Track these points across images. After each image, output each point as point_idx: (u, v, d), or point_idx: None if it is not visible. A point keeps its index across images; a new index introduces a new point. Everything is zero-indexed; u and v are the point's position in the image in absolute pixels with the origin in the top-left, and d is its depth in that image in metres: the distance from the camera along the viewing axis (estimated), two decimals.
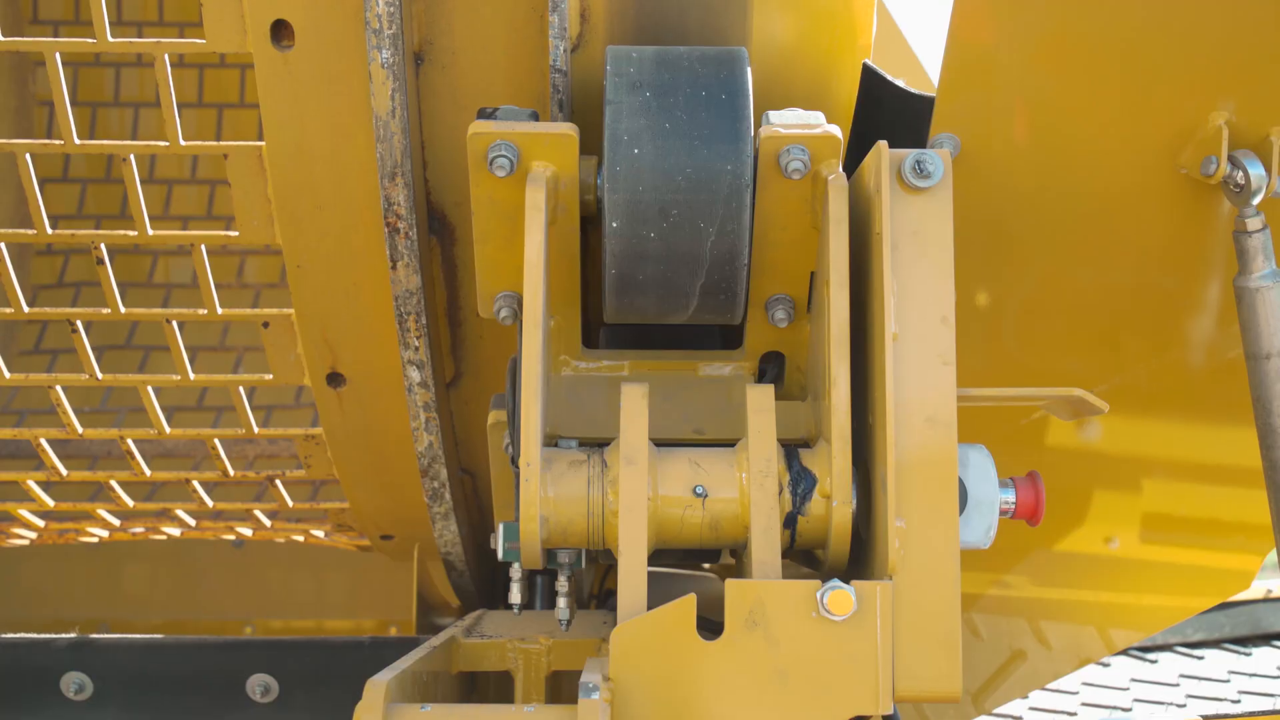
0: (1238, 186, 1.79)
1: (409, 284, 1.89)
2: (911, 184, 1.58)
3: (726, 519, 1.61)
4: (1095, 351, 2.09)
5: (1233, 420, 2.12)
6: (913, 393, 1.56)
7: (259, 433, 2.21)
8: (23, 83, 3.48)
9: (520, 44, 1.82)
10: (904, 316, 1.57)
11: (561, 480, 1.60)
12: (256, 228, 1.89)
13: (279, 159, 1.84)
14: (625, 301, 1.73)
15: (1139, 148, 1.84)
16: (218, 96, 3.61)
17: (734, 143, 1.63)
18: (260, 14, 1.74)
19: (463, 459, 2.26)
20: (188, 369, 2.08)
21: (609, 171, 1.63)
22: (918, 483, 1.55)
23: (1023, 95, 1.81)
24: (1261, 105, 1.78)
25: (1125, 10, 1.72)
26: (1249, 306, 1.83)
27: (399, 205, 1.82)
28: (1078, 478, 2.29)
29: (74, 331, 2.04)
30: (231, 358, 3.40)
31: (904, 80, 1.89)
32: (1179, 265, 1.97)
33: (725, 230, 1.65)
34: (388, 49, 1.73)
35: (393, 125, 1.77)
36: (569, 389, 1.79)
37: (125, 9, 3.58)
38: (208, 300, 1.99)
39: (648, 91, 1.66)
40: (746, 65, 1.69)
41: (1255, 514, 2.15)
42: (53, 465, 2.28)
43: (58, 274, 3.51)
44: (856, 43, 1.85)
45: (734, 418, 1.77)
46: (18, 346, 3.38)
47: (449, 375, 2.11)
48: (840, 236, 1.59)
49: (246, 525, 2.67)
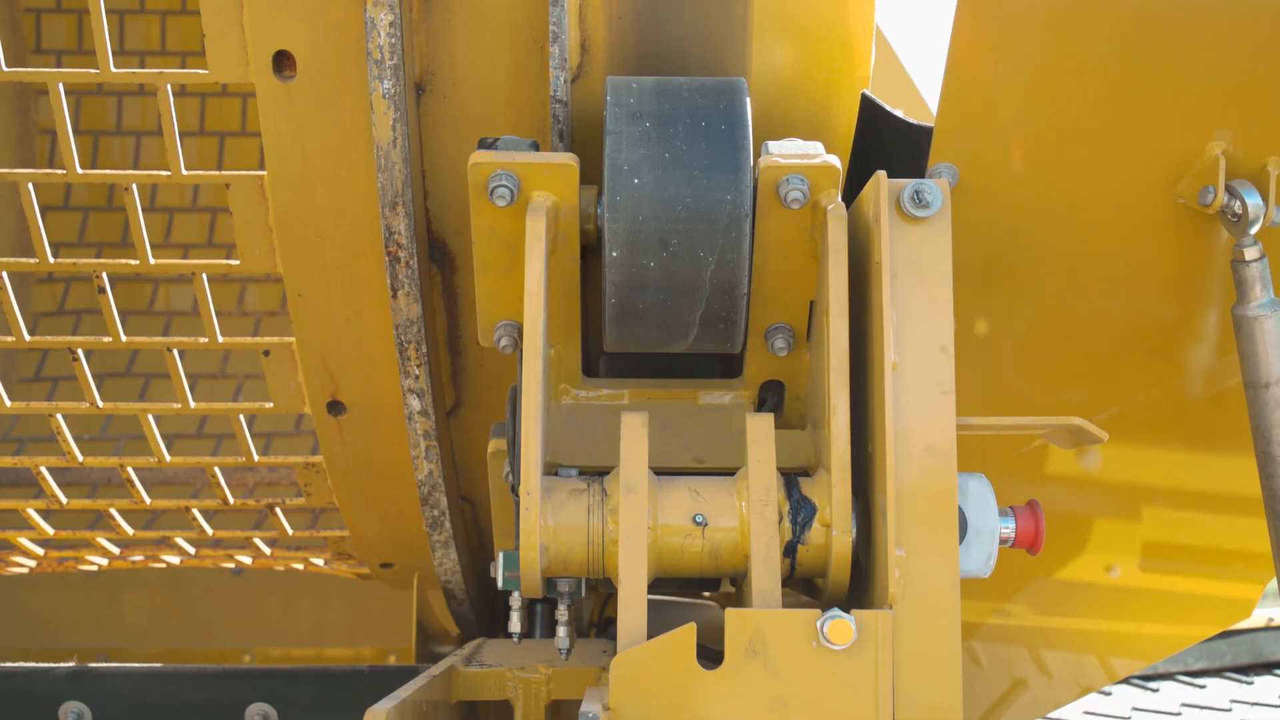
0: (1235, 216, 1.80)
1: (409, 313, 1.89)
2: (910, 214, 1.59)
3: (726, 548, 1.61)
4: (1094, 380, 2.09)
5: (1232, 448, 2.12)
6: (912, 421, 1.56)
7: (259, 461, 2.21)
8: (25, 111, 3.50)
9: (521, 74, 1.83)
10: (903, 345, 1.57)
11: (561, 509, 1.60)
12: (258, 257, 1.90)
13: (280, 188, 1.85)
14: (625, 330, 1.74)
15: (1137, 178, 1.85)
16: (219, 125, 3.63)
17: (733, 172, 1.64)
18: (262, 45, 1.75)
19: (463, 487, 2.26)
20: (188, 397, 2.09)
21: (609, 201, 1.64)
22: (918, 511, 1.55)
23: (1021, 125, 1.82)
24: (1258, 135, 1.79)
25: (1122, 41, 1.73)
26: (1247, 335, 1.83)
27: (400, 234, 1.83)
28: (1078, 506, 2.28)
29: (75, 360, 2.05)
30: (232, 385, 3.40)
31: (902, 110, 1.90)
32: (1177, 294, 1.98)
33: (725, 259, 1.66)
34: (389, 79, 1.74)
35: (394, 155, 1.78)
36: (569, 417, 1.80)
37: (128, 38, 3.60)
38: (209, 329, 2.00)
39: (648, 122, 1.67)
40: (746, 96, 1.70)
41: (1256, 542, 2.15)
42: (53, 493, 2.28)
43: (59, 302, 3.52)
44: (855, 73, 1.86)
45: (734, 446, 1.77)
46: (18, 374, 3.39)
47: (449, 403, 2.11)
48: (839, 266, 1.59)
49: (246, 553, 2.67)
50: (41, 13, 3.53)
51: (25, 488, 2.98)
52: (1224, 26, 1.72)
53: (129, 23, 3.60)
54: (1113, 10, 1.71)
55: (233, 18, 1.74)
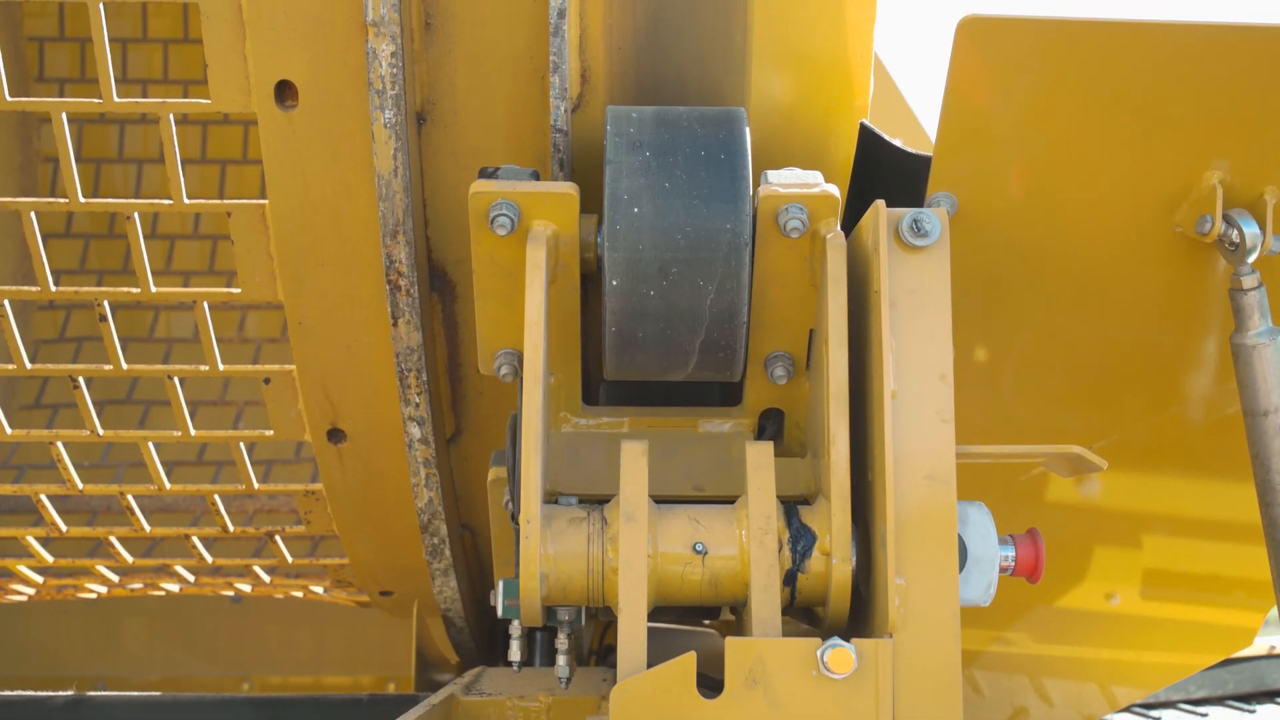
0: (1233, 245, 1.80)
1: (410, 341, 1.90)
2: (909, 243, 1.59)
3: (726, 576, 1.61)
4: (1094, 407, 2.09)
5: (1232, 476, 2.12)
6: (912, 450, 1.56)
7: (259, 488, 2.21)
8: (27, 139, 3.51)
9: (521, 104, 1.84)
10: (902, 374, 1.58)
11: (561, 537, 1.60)
12: (259, 285, 1.91)
13: (282, 216, 1.86)
14: (625, 359, 1.74)
15: (1135, 206, 1.85)
16: (221, 152, 3.64)
17: (733, 202, 1.65)
18: (264, 75, 1.77)
19: (463, 515, 2.26)
20: (189, 425, 2.09)
21: (609, 230, 1.65)
22: (917, 540, 1.55)
23: (1019, 155, 1.83)
24: (1255, 164, 1.80)
25: (1119, 71, 1.74)
26: (1245, 363, 1.84)
27: (400, 263, 1.84)
28: (1078, 534, 2.28)
29: (75, 387, 2.05)
30: (232, 412, 3.40)
31: (901, 140, 1.91)
32: (1176, 322, 1.98)
33: (725, 288, 1.66)
34: (390, 109, 1.75)
35: (395, 184, 1.78)
36: (569, 445, 1.80)
37: (130, 67, 3.61)
38: (209, 356, 2.00)
39: (647, 151, 1.67)
40: (745, 125, 1.71)
41: (1256, 570, 2.14)
42: (52, 521, 2.28)
43: (59, 329, 3.52)
44: (854, 103, 1.87)
45: (734, 474, 1.77)
46: (19, 401, 3.39)
47: (449, 431, 2.11)
48: (839, 294, 1.60)
49: (245, 581, 2.67)
50: (44, 41, 3.55)
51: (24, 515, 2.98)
52: (1221, 56, 1.73)
53: (131, 51, 3.62)
54: (1109, 40, 1.72)
55: (235, 48, 1.75)
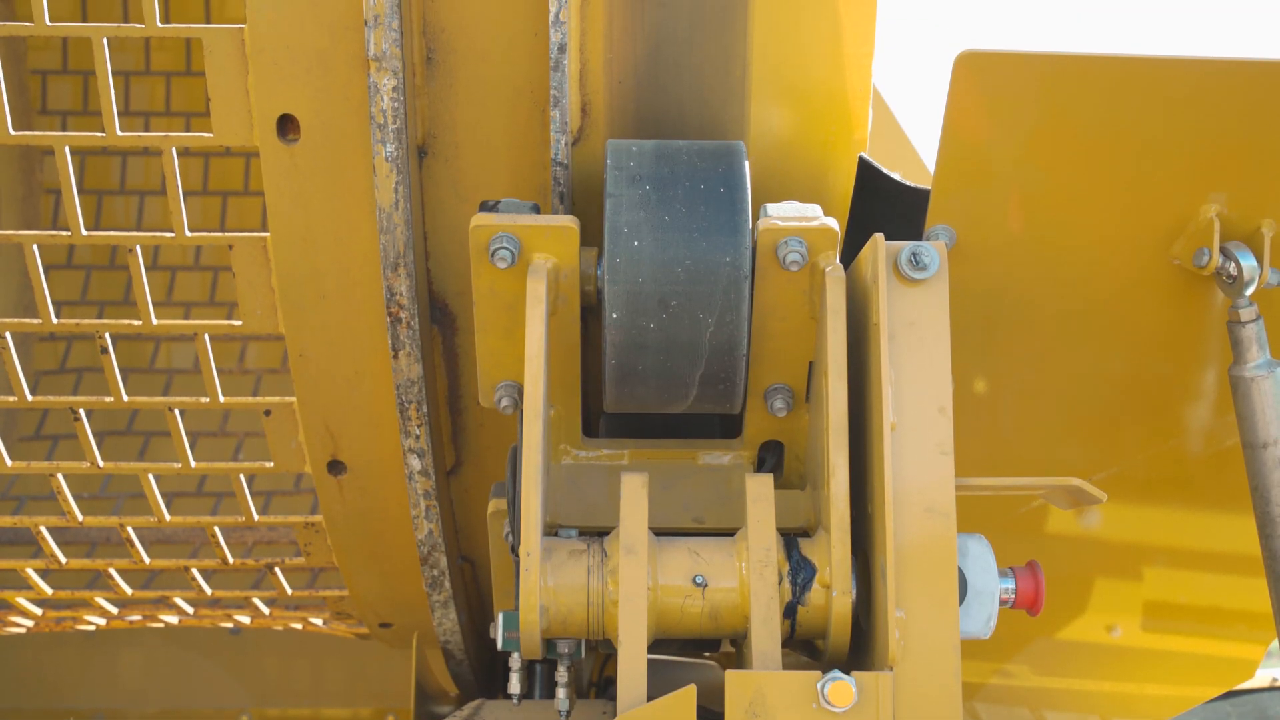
0: (1230, 278, 1.81)
1: (410, 373, 1.90)
2: (908, 276, 1.60)
3: (726, 609, 1.61)
4: (1093, 439, 2.10)
5: (1233, 508, 2.12)
6: (911, 482, 1.57)
7: (259, 520, 2.21)
8: (30, 171, 3.53)
9: (522, 137, 1.85)
10: (902, 406, 1.58)
11: (561, 570, 1.60)
12: (260, 317, 1.91)
13: (283, 249, 1.86)
14: (625, 391, 1.74)
15: (1132, 239, 1.86)
16: (222, 184, 3.65)
17: (732, 235, 1.66)
18: (266, 108, 1.78)
19: (462, 547, 2.26)
20: (189, 456, 2.09)
21: (609, 263, 1.65)
22: (917, 573, 1.55)
23: (1017, 188, 1.84)
24: (1252, 198, 1.81)
25: (1116, 106, 1.75)
26: (1244, 396, 1.84)
27: (401, 295, 1.84)
28: (1078, 566, 2.28)
29: (76, 419, 2.05)
30: (232, 443, 3.40)
31: (900, 173, 1.92)
32: (1175, 353, 1.99)
33: (724, 321, 1.67)
34: (392, 143, 1.76)
35: (396, 217, 1.79)
36: (569, 477, 1.80)
37: (133, 99, 3.63)
38: (210, 388, 2.00)
39: (647, 185, 1.68)
40: (744, 159, 1.72)
41: (1257, 602, 2.14)
42: (51, 553, 2.28)
43: (60, 360, 3.52)
44: (852, 136, 1.88)
45: (733, 507, 1.77)
46: (18, 432, 3.39)
47: (449, 463, 2.11)
48: (838, 327, 1.60)
49: (244, 613, 2.66)
50: (47, 74, 3.57)
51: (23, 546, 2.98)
52: (1217, 91, 1.74)
53: (134, 84, 3.64)
54: (1106, 75, 1.73)
55: (238, 82, 1.76)
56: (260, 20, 1.74)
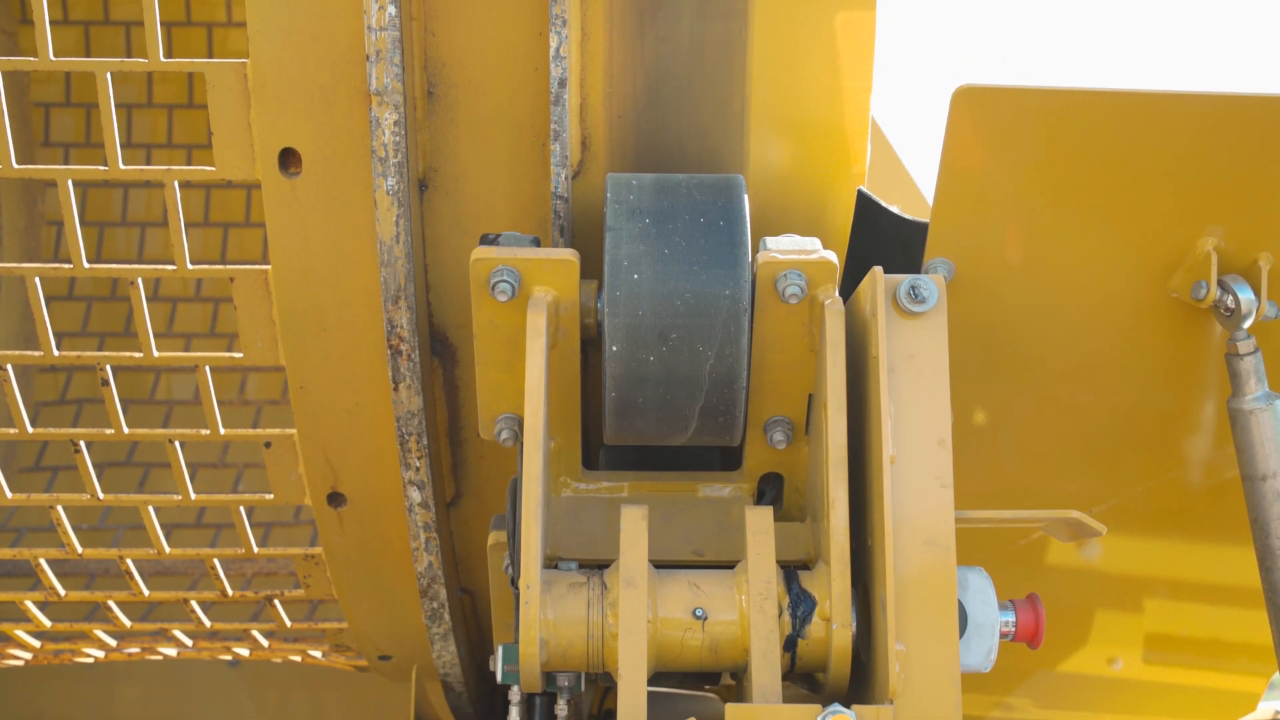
0: (1228, 311, 1.82)
1: (411, 405, 1.90)
2: (906, 309, 1.61)
3: (726, 642, 1.60)
4: (1093, 471, 2.10)
5: (1233, 540, 2.12)
6: (911, 515, 1.57)
7: (258, 552, 2.21)
8: (32, 203, 3.54)
9: (522, 170, 1.86)
10: (901, 439, 1.58)
11: (561, 603, 1.60)
12: (261, 349, 1.92)
13: (284, 282, 1.87)
14: (625, 423, 1.75)
15: (1130, 272, 1.87)
16: (224, 216, 3.66)
17: (732, 268, 1.66)
18: (269, 142, 1.79)
19: (462, 579, 2.26)
20: (189, 489, 2.09)
21: (609, 296, 1.66)
22: (917, 605, 1.55)
23: (1015, 221, 1.85)
24: (1249, 231, 1.82)
25: (1114, 139, 1.77)
26: (1243, 428, 1.84)
27: (402, 328, 1.85)
28: (1079, 598, 2.28)
29: (76, 451, 2.05)
30: (232, 474, 3.40)
31: (899, 206, 1.93)
32: (1174, 385, 1.99)
33: (724, 353, 1.67)
34: (393, 176, 1.77)
35: (397, 250, 1.80)
36: (569, 510, 1.80)
37: (135, 131, 3.65)
38: (210, 420, 2.01)
39: (647, 218, 1.69)
40: (743, 192, 1.73)
41: (1258, 635, 2.14)
42: (50, 585, 2.28)
43: (60, 391, 3.53)
44: (851, 169, 1.89)
45: (733, 539, 1.77)
46: (18, 463, 3.39)
47: (449, 495, 2.11)
48: (837, 360, 1.61)
49: (243, 645, 2.65)
50: (50, 107, 3.59)
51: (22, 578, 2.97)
52: (1213, 125, 1.75)
53: (136, 116, 3.65)
54: (1102, 110, 1.74)
55: (240, 116, 1.77)
56: (263, 55, 1.75)
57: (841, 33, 1.83)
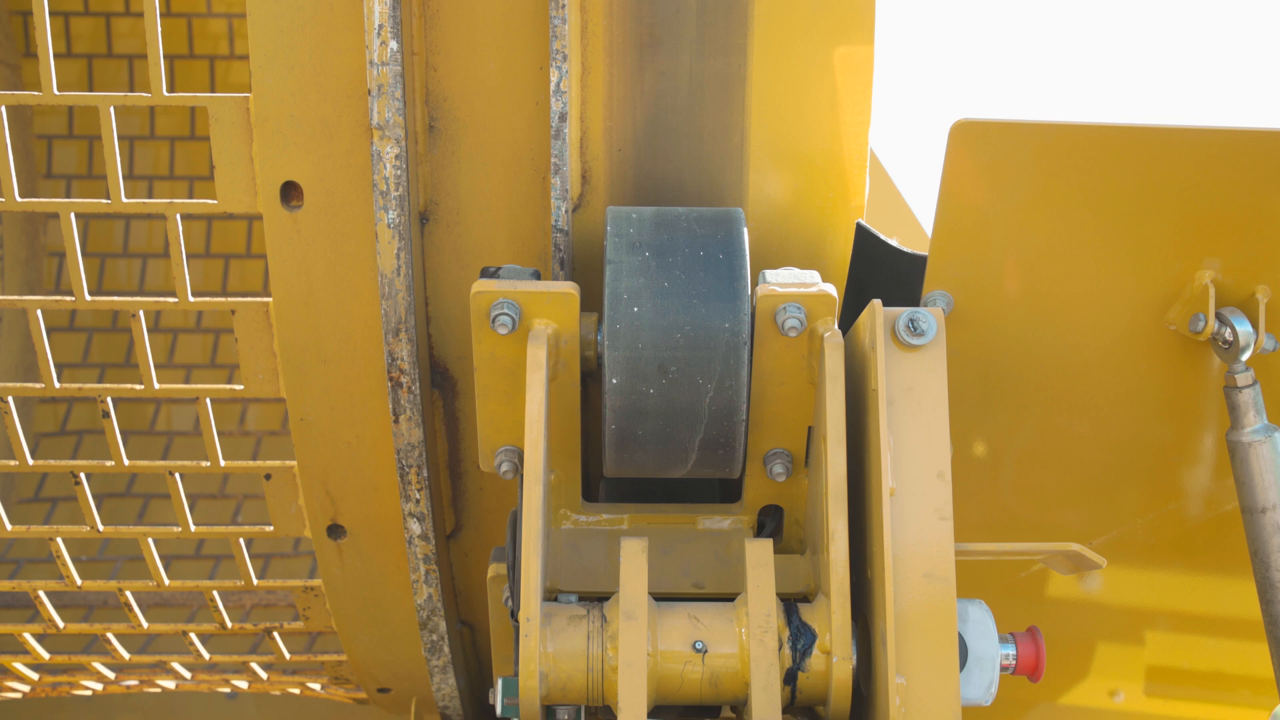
0: (1226, 343, 1.82)
1: (411, 437, 1.91)
2: (905, 342, 1.61)
3: (726, 675, 1.60)
4: (1093, 503, 2.10)
5: (1234, 572, 2.12)
6: (911, 548, 1.57)
7: (258, 584, 2.21)
8: (34, 234, 3.55)
9: (522, 203, 1.87)
10: (901, 472, 1.58)
11: (561, 635, 1.60)
12: (262, 381, 1.92)
13: (286, 314, 1.88)
14: (625, 456, 1.75)
15: (1129, 305, 1.88)
16: (225, 247, 3.68)
17: (731, 301, 1.67)
18: (270, 176, 1.80)
19: (462, 611, 2.26)
20: (189, 520, 2.09)
21: (609, 329, 1.67)
22: (917, 639, 1.55)
23: (1013, 254, 1.85)
24: (1246, 264, 1.82)
25: (1110, 174, 1.77)
26: (1242, 461, 1.85)
27: (402, 360, 1.85)
28: (1080, 630, 2.27)
29: (77, 483, 2.05)
30: (231, 505, 3.40)
31: (897, 238, 1.94)
32: (1173, 417, 2.00)
33: (723, 386, 1.68)
34: (394, 209, 1.78)
35: (398, 283, 1.81)
36: (569, 542, 1.80)
37: (137, 163, 3.66)
38: (211, 452, 2.01)
39: (647, 251, 1.70)
40: (743, 226, 1.73)
41: (1260, 667, 2.13)
42: (49, 617, 2.27)
43: (60, 422, 3.53)
44: (850, 203, 1.90)
45: (733, 571, 1.77)
46: (17, 494, 3.38)
47: (449, 527, 2.11)
48: (836, 393, 1.61)
49: (242, 678, 2.65)
50: (53, 139, 3.61)
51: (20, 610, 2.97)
52: (1209, 159, 1.76)
53: (138, 148, 3.67)
54: (1098, 144, 1.75)
55: (242, 150, 1.78)
56: (265, 89, 1.76)
57: (840, 67, 1.84)
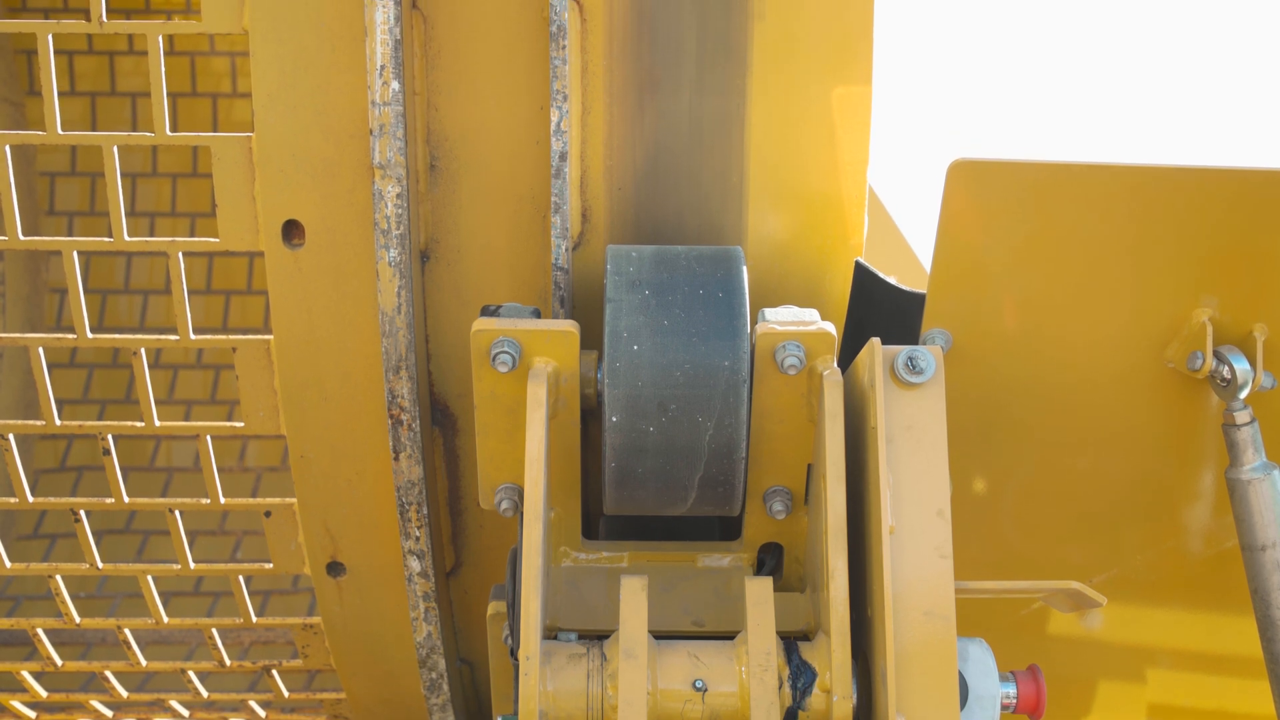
0: (1224, 381, 1.83)
1: (411, 475, 1.91)
2: (904, 380, 1.62)
3: (727, 714, 1.60)
4: (1094, 540, 2.09)
5: (1235, 609, 2.11)
6: (911, 586, 1.57)
7: (257, 622, 2.20)
8: (36, 270, 3.56)
9: (523, 242, 1.88)
10: (900, 510, 1.59)
11: (561, 674, 1.60)
12: (262, 418, 1.93)
13: (287, 352, 1.88)
14: (625, 494, 1.75)
15: (1127, 342, 1.88)
16: (226, 283, 3.68)
17: (731, 339, 1.67)
18: (272, 214, 1.81)
19: (461, 649, 2.25)
20: (188, 558, 2.09)
21: (609, 367, 1.67)
22: (918, 677, 1.54)
23: (1012, 291, 1.86)
24: (1243, 302, 1.83)
25: (1107, 212, 1.79)
26: (1241, 498, 1.85)
27: (403, 398, 1.86)
28: (1081, 668, 2.27)
29: (76, 520, 2.05)
30: (231, 541, 3.39)
31: (896, 277, 1.95)
32: (1173, 454, 2.00)
33: (723, 424, 1.68)
34: (395, 248, 1.78)
35: (398, 321, 1.81)
36: (569, 580, 1.80)
37: (139, 200, 3.67)
38: (211, 489, 2.01)
39: (647, 289, 1.71)
40: (742, 264, 1.74)
41: (1261, 705, 2.13)
42: (47, 655, 2.26)
43: (60, 458, 3.53)
44: (848, 241, 1.91)
45: (733, 609, 1.77)
46: (16, 531, 3.38)
47: (449, 564, 2.11)
48: (836, 431, 1.61)
49: (240, 715, 2.63)
50: (55, 176, 3.62)
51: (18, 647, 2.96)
52: (1206, 198, 1.77)
53: (141, 185, 3.68)
54: (1095, 183, 1.77)
55: (245, 188, 1.80)
56: (268, 129, 1.78)
57: (838, 107, 1.85)
